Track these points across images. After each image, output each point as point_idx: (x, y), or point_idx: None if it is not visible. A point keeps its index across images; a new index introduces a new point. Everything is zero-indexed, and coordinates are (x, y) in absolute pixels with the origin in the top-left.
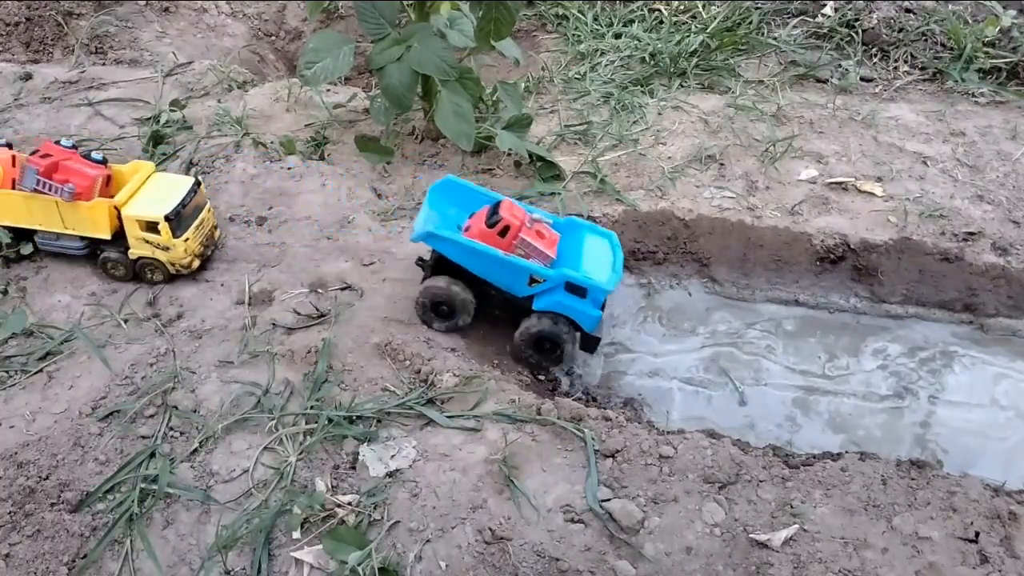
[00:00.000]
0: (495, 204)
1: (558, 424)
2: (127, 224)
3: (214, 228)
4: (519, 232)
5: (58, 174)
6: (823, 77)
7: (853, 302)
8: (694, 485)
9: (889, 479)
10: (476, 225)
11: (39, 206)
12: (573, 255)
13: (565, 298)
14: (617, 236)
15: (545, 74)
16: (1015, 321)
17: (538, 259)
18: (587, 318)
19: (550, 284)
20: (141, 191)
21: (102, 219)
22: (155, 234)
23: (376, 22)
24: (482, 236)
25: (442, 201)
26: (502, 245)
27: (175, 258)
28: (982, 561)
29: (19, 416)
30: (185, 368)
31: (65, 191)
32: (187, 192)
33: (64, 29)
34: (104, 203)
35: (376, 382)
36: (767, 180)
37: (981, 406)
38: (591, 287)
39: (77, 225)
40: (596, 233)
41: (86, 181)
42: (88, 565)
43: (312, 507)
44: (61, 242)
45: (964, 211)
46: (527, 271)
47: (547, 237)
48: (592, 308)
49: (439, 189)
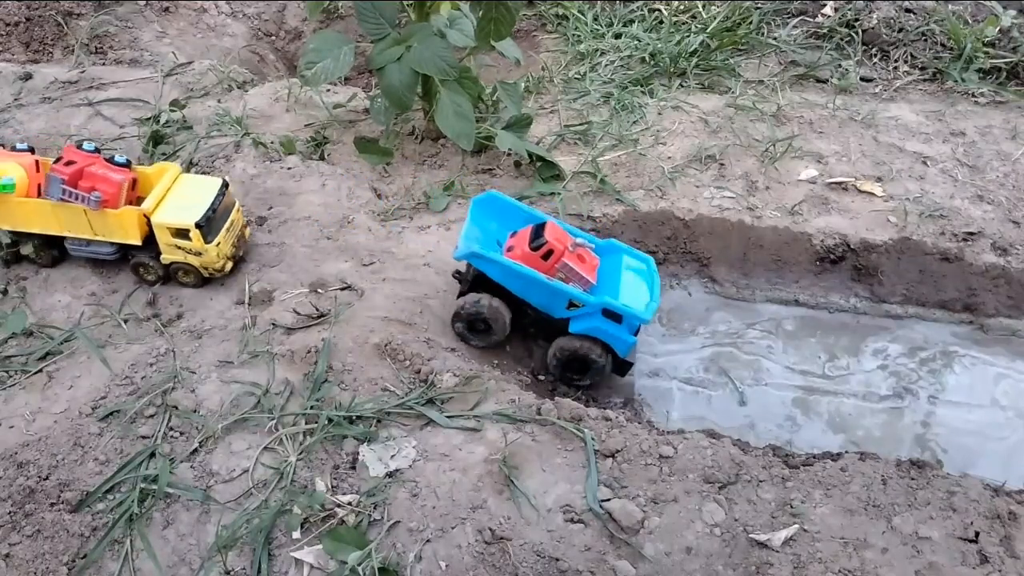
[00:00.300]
0: (539, 226)
1: (558, 424)
2: (157, 231)
3: (244, 227)
4: (562, 256)
5: (83, 181)
6: (823, 77)
7: (853, 302)
8: (694, 485)
9: (889, 479)
10: (519, 246)
11: (67, 213)
12: (612, 280)
13: (601, 323)
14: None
15: (545, 74)
16: (1015, 321)
17: (578, 284)
18: (621, 343)
19: (588, 309)
20: (169, 195)
21: (132, 226)
22: (186, 240)
23: (376, 22)
24: (525, 258)
25: (483, 215)
26: (544, 268)
27: (208, 262)
28: (982, 561)
29: (19, 416)
30: (185, 368)
31: (92, 200)
32: (216, 195)
33: (64, 29)
34: (133, 211)
35: (376, 382)
36: (767, 180)
37: (981, 406)
38: (628, 315)
39: (106, 232)
40: (634, 256)
41: (112, 187)
42: (88, 565)
43: (312, 507)
44: (91, 247)
45: (964, 211)
46: (567, 296)
47: (588, 261)
48: (627, 334)
49: (481, 204)
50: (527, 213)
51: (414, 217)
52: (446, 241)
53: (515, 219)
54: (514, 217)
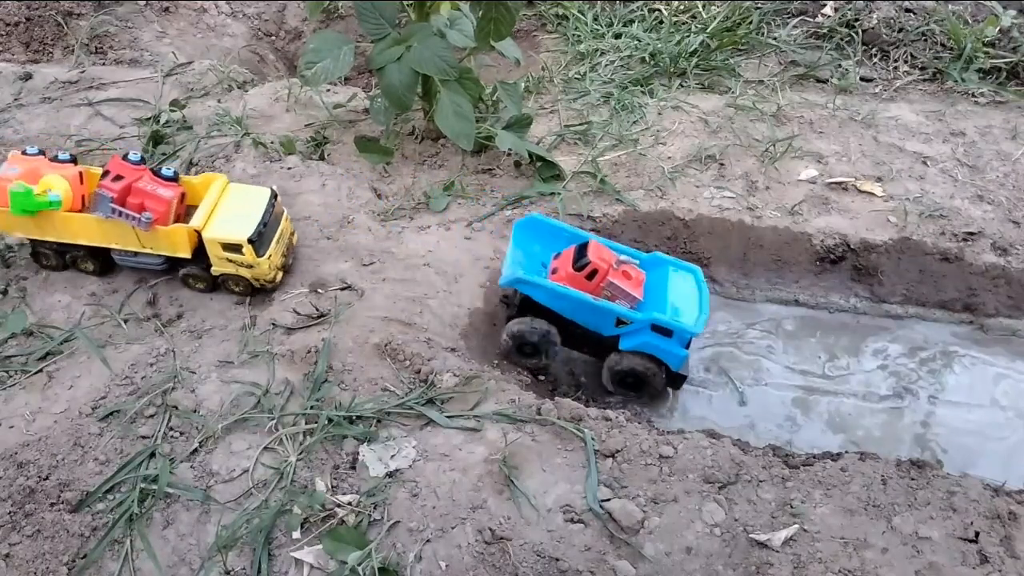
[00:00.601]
0: (582, 245)
1: (558, 424)
2: (209, 246)
3: (292, 235)
4: (607, 275)
5: (132, 198)
6: (823, 77)
7: (853, 302)
8: (694, 485)
9: (889, 479)
10: (563, 267)
11: (114, 227)
12: (659, 294)
13: (651, 338)
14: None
15: (545, 74)
16: (1015, 321)
17: (625, 301)
18: (674, 358)
19: (637, 326)
20: (218, 208)
21: (181, 241)
22: (238, 254)
23: (376, 22)
24: (570, 279)
25: (526, 239)
26: (589, 288)
27: (259, 274)
28: (982, 561)
29: (19, 416)
30: (185, 368)
31: (143, 221)
32: (266, 206)
33: (64, 29)
34: (183, 228)
35: (376, 382)
36: (767, 180)
37: (981, 406)
38: (677, 329)
39: (155, 245)
40: (680, 268)
41: (162, 205)
42: (88, 565)
43: (312, 507)
44: (139, 259)
45: (964, 211)
46: (615, 314)
47: (633, 278)
48: (678, 348)
49: (523, 227)
50: (570, 233)
51: (414, 217)
52: (446, 241)
53: (558, 240)
54: (557, 238)
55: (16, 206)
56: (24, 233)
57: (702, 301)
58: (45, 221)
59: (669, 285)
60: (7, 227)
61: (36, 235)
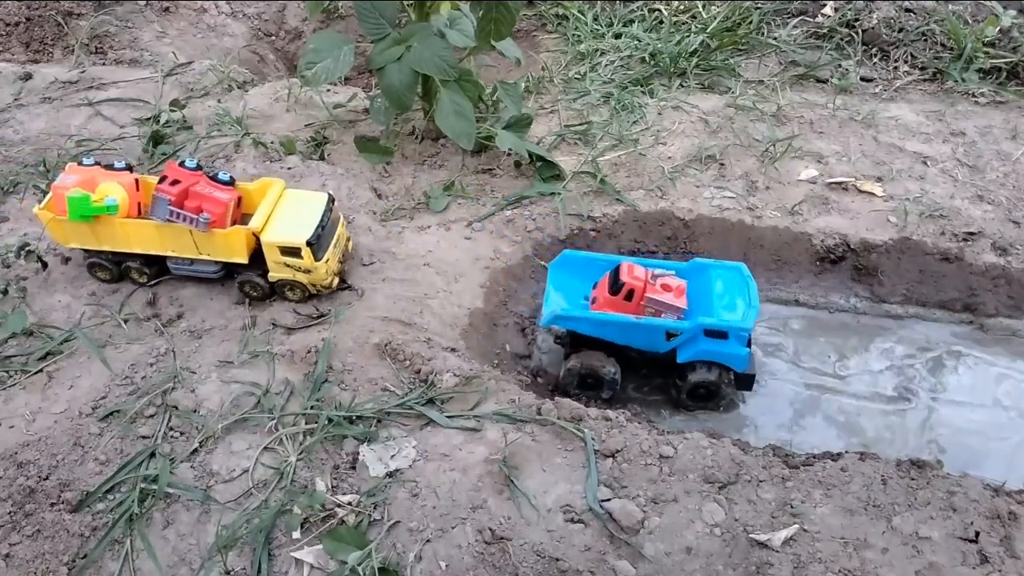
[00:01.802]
0: (615, 269)
1: (558, 424)
2: (267, 250)
3: (347, 240)
4: (644, 292)
5: (189, 201)
6: (823, 77)
7: (853, 302)
8: (694, 485)
9: (889, 479)
10: (601, 295)
11: (171, 233)
12: (704, 299)
13: (707, 344)
14: (747, 267)
15: (545, 74)
16: (1015, 321)
17: (670, 313)
18: (735, 359)
19: (688, 335)
20: (276, 213)
21: (239, 245)
22: (297, 258)
23: (376, 22)
24: (609, 304)
25: (563, 276)
26: (631, 308)
27: (316, 280)
28: (982, 561)
29: (19, 416)
30: (185, 368)
31: (201, 222)
32: (324, 211)
33: (64, 29)
34: (241, 230)
35: (376, 382)
36: (767, 180)
37: (981, 406)
38: (729, 329)
39: (212, 251)
40: (723, 269)
41: (219, 208)
42: (88, 565)
43: (312, 507)
44: (195, 266)
45: (964, 211)
46: (662, 328)
47: (674, 288)
48: (738, 347)
49: (558, 265)
50: (605, 261)
51: (414, 217)
52: (446, 241)
53: (594, 271)
54: (593, 269)
55: (74, 212)
56: (80, 243)
57: (750, 295)
58: (102, 229)
59: (714, 288)
60: (64, 237)
61: (92, 245)
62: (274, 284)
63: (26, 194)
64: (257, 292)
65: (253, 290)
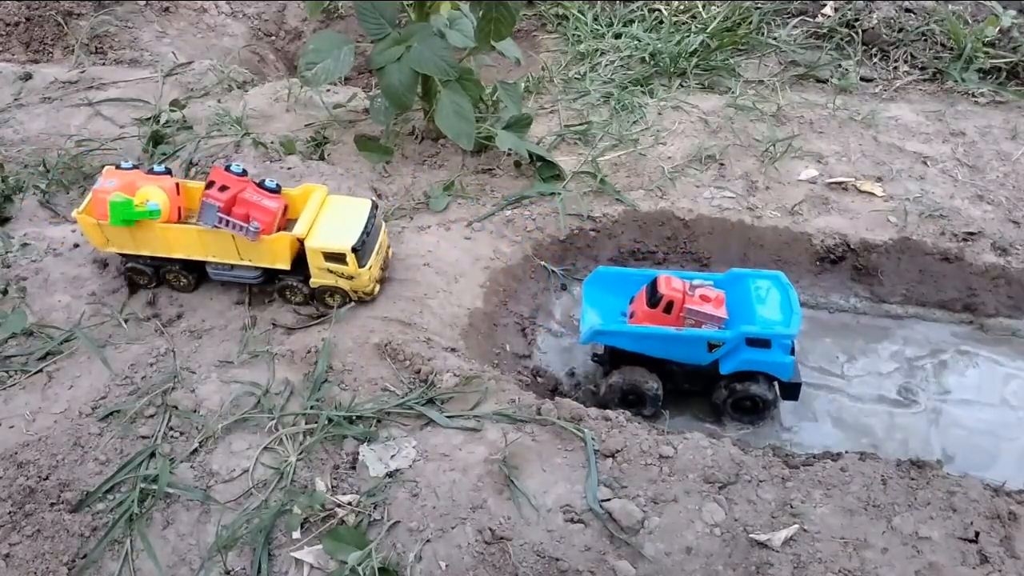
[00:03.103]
0: (651, 282)
1: (558, 424)
2: (310, 255)
3: (388, 248)
4: (683, 303)
5: (237, 208)
6: (823, 77)
7: (853, 302)
8: (694, 485)
9: (889, 479)
10: (639, 308)
11: (213, 239)
12: (745, 308)
13: (750, 353)
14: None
15: (545, 74)
16: (1015, 321)
17: (710, 323)
18: (780, 367)
19: (730, 345)
20: (320, 218)
21: (282, 251)
22: (340, 264)
23: (376, 22)
24: (648, 318)
25: (598, 293)
26: (670, 321)
27: (358, 286)
28: (982, 561)
29: (19, 416)
30: (185, 368)
31: (251, 231)
32: (368, 217)
33: (64, 29)
34: (286, 236)
35: (376, 382)
36: (767, 180)
37: (982, 405)
38: (773, 336)
39: (255, 257)
40: (761, 277)
41: (268, 216)
42: (88, 565)
43: (312, 507)
44: (235, 272)
45: (964, 211)
46: (703, 339)
47: (713, 299)
48: (782, 355)
49: (592, 282)
50: (640, 276)
51: (414, 217)
52: (446, 241)
53: (630, 286)
54: (628, 284)
55: (116, 216)
56: (120, 248)
57: (791, 302)
58: (142, 234)
59: (753, 297)
60: (103, 242)
61: (131, 250)
62: (315, 290)
63: (26, 194)
64: (298, 298)
65: (294, 295)
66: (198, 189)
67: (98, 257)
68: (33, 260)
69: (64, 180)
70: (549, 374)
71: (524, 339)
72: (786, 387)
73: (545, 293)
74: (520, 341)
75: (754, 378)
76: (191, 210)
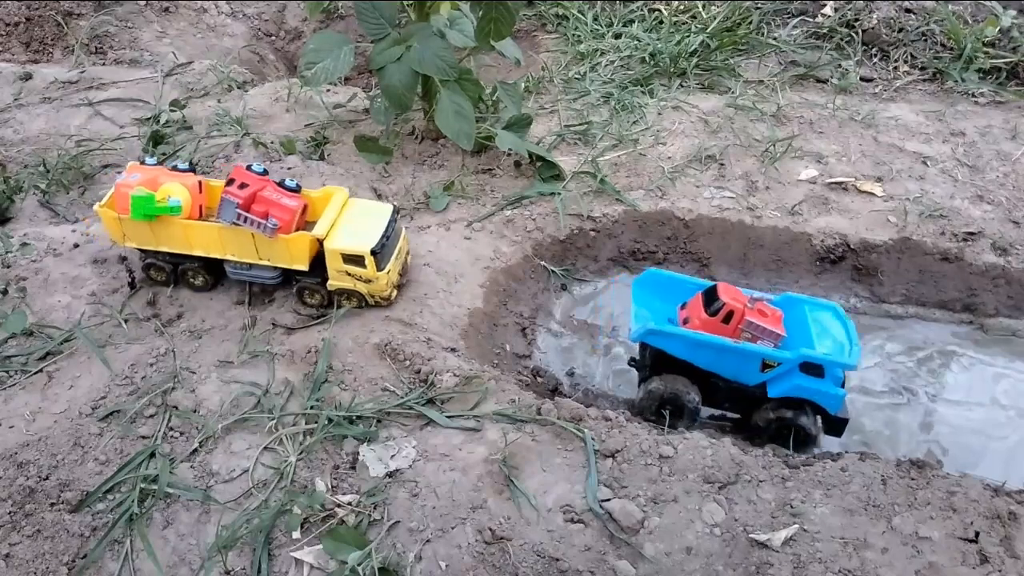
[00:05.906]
0: (710, 289)
1: (558, 424)
2: (329, 257)
3: (407, 254)
4: (744, 315)
5: (256, 205)
6: (823, 77)
7: (853, 302)
8: (694, 485)
9: (889, 479)
10: (695, 315)
11: (233, 237)
12: (801, 332)
13: (802, 380)
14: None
15: (545, 74)
16: (1015, 321)
17: (768, 340)
18: (831, 399)
19: (787, 367)
20: (340, 221)
21: (301, 251)
22: (358, 267)
23: (376, 22)
24: (704, 325)
25: (646, 295)
26: (727, 332)
27: (376, 290)
28: (982, 561)
29: (19, 416)
30: (185, 368)
31: (268, 227)
32: (388, 222)
33: (64, 29)
34: (305, 236)
35: (376, 382)
36: (767, 180)
37: (981, 405)
38: (833, 364)
39: (273, 256)
40: (818, 307)
41: (287, 214)
42: (88, 565)
43: (312, 507)
44: (253, 272)
45: (964, 211)
46: (760, 356)
47: (771, 315)
48: (833, 387)
49: (642, 283)
50: (692, 283)
51: (414, 217)
52: (446, 241)
53: (680, 292)
54: (678, 290)
55: (137, 210)
56: (139, 243)
57: (850, 334)
58: (162, 230)
59: (809, 322)
60: (122, 236)
61: (151, 245)
62: (332, 292)
63: (26, 194)
64: (315, 300)
65: (311, 297)
66: (220, 188)
67: (98, 257)
68: (33, 260)
69: (64, 180)
70: (549, 374)
71: (524, 339)
72: (831, 422)
73: (545, 293)
74: (520, 341)
75: (802, 408)
76: (212, 209)
